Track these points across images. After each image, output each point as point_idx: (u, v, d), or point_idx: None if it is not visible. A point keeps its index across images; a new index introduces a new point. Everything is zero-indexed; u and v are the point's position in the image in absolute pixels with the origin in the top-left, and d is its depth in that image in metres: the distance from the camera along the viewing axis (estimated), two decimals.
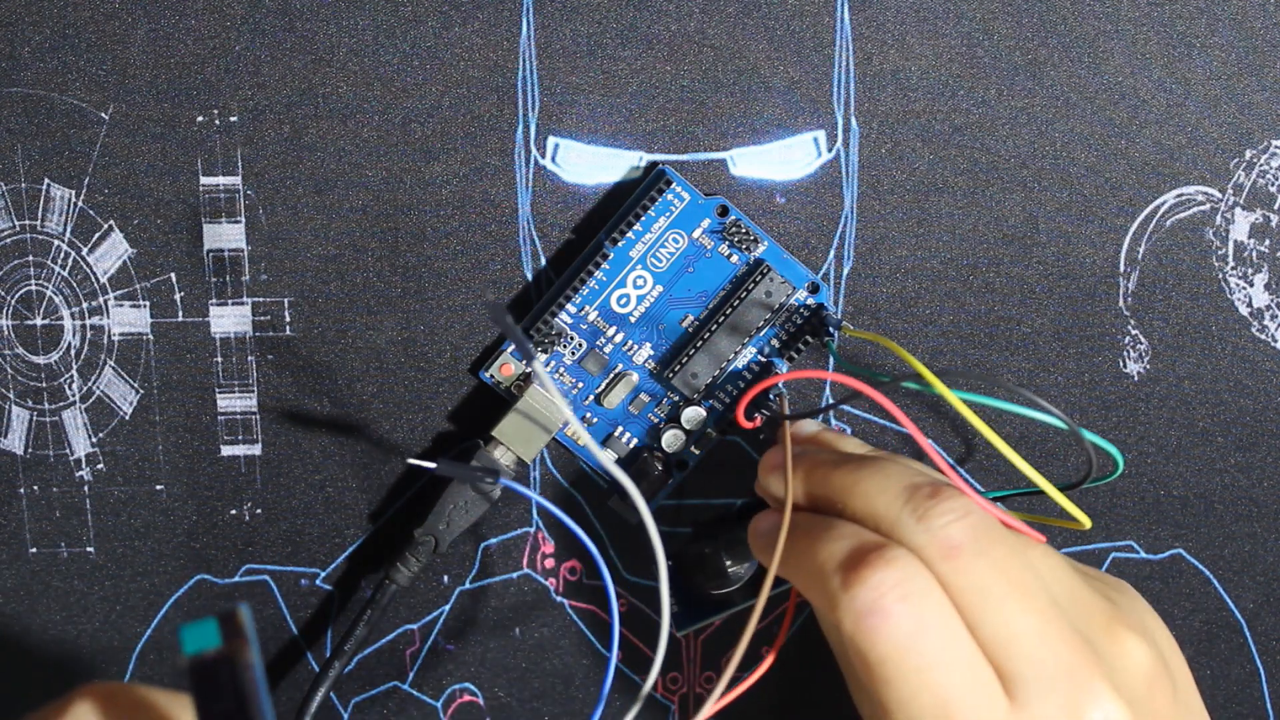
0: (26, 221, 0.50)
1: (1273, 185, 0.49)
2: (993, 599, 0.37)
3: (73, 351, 0.51)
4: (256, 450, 0.51)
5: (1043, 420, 0.42)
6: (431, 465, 0.45)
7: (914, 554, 0.38)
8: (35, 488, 0.51)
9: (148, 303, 0.50)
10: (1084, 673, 0.37)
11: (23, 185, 0.50)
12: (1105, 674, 0.37)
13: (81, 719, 0.37)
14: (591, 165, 0.49)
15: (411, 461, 0.46)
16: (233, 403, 0.51)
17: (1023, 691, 0.37)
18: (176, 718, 0.37)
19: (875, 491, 0.39)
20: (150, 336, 0.50)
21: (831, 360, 0.50)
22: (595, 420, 0.50)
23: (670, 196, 0.48)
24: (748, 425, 0.47)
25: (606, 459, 0.40)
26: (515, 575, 0.52)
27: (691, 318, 0.49)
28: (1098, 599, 0.39)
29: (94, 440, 0.51)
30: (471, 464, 0.48)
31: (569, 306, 0.49)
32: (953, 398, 0.40)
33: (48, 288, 0.50)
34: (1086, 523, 0.42)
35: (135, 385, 0.51)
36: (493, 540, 0.52)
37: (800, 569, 0.40)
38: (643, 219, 0.48)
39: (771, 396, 0.49)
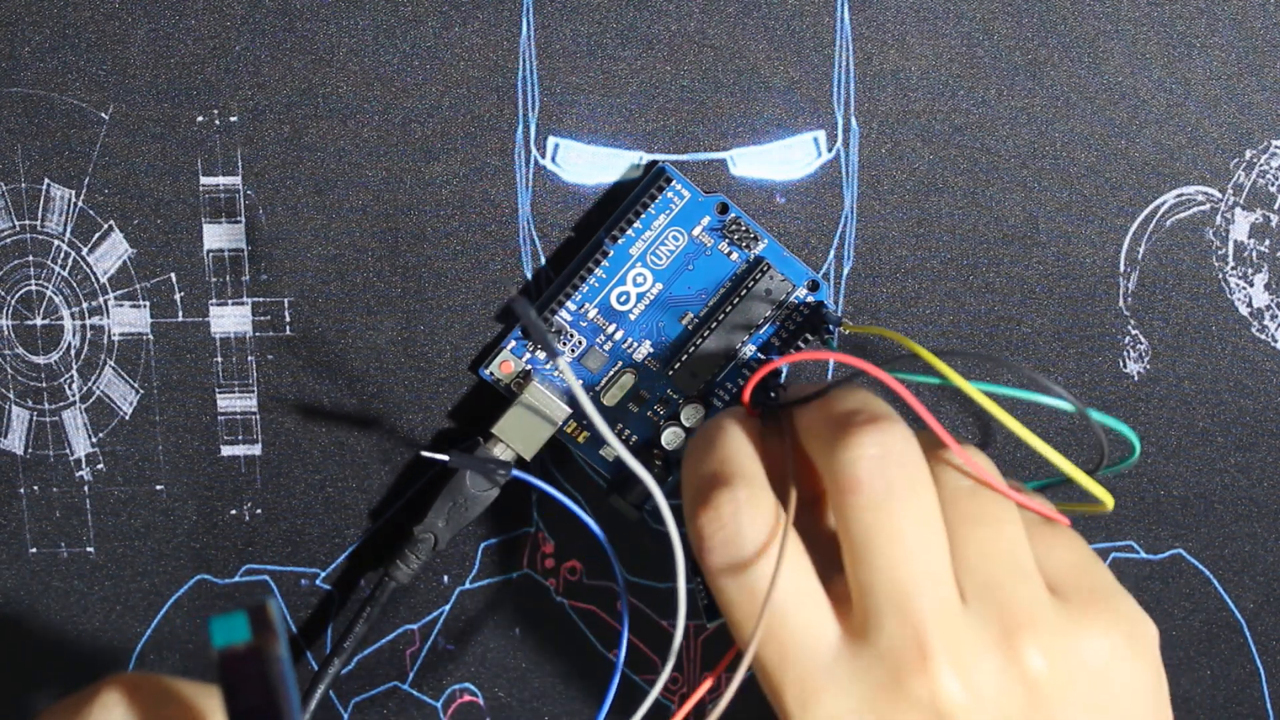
0: (26, 221, 0.50)
1: (1273, 185, 0.49)
2: (870, 549, 0.37)
3: (73, 351, 0.51)
4: (256, 450, 0.51)
5: (1050, 404, 0.41)
6: (444, 457, 0.45)
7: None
8: (35, 488, 0.51)
9: (148, 303, 0.50)
10: (928, 651, 0.36)
11: (23, 185, 0.50)
12: (952, 659, 0.36)
13: (110, 708, 0.37)
14: (591, 165, 0.49)
15: (424, 454, 0.46)
16: (233, 403, 0.51)
17: (866, 638, 0.37)
18: (203, 708, 0.37)
19: (819, 417, 0.39)
20: (150, 336, 0.50)
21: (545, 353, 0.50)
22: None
23: (670, 194, 0.48)
24: (754, 413, 0.47)
25: (627, 454, 0.39)
26: (515, 575, 0.52)
27: (691, 315, 0.49)
28: (1018, 602, 0.38)
29: (94, 440, 0.51)
30: (480, 455, 0.48)
31: (569, 304, 0.49)
32: (957, 377, 0.39)
33: (48, 288, 0.50)
34: (1109, 501, 0.41)
35: (135, 385, 0.51)
36: (493, 540, 0.52)
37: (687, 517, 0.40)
38: (642, 216, 0.48)
39: (773, 393, 0.49)
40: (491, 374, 0.49)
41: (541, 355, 0.49)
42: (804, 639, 0.38)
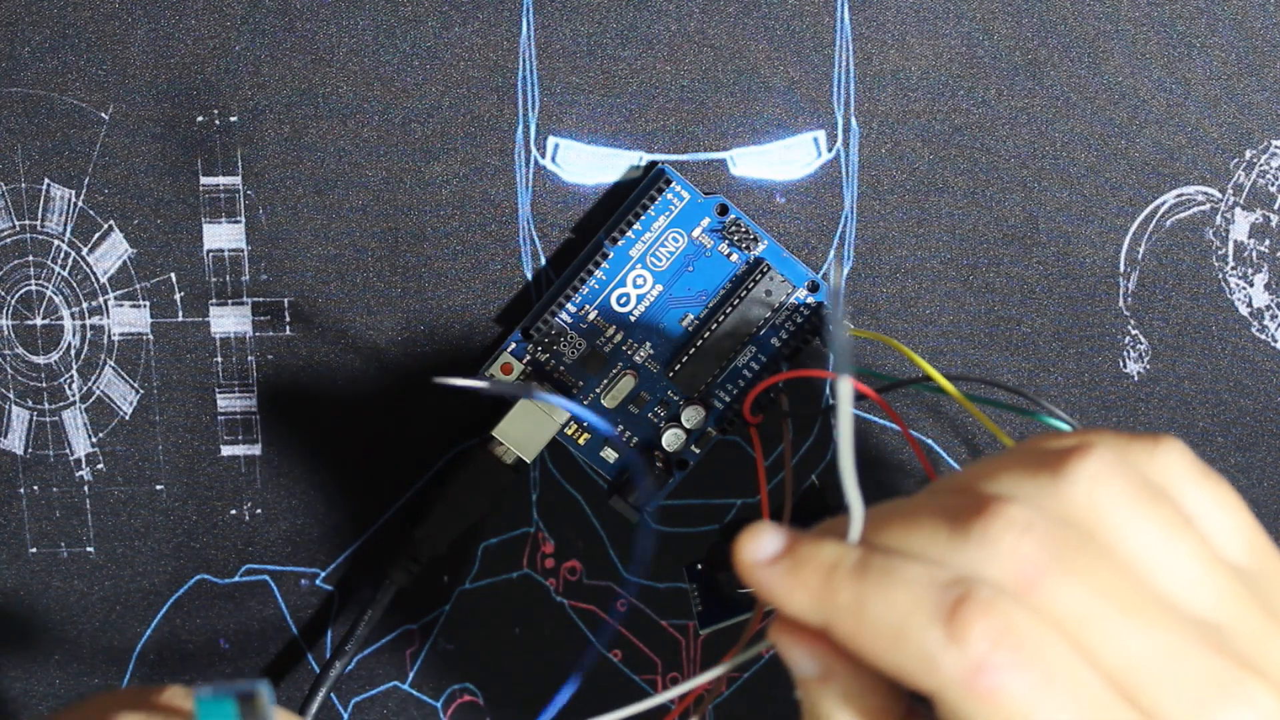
0: (26, 221, 0.50)
1: (1273, 185, 0.49)
2: (1100, 622, 0.29)
3: (73, 351, 0.51)
4: (256, 450, 0.51)
5: (1049, 424, 0.41)
6: (464, 383, 0.39)
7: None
8: (35, 488, 0.51)
9: (148, 303, 0.50)
10: (1228, 674, 0.30)
11: (23, 185, 0.50)
12: (1255, 669, 0.30)
13: None
14: (591, 165, 0.49)
15: (437, 380, 0.38)
16: (233, 403, 0.51)
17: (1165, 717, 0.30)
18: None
19: (908, 530, 0.31)
20: (150, 336, 0.50)
21: (831, 359, 0.50)
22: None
23: (670, 195, 0.48)
24: (754, 420, 0.48)
25: (844, 402, 0.30)
26: (515, 575, 0.52)
27: (691, 316, 0.49)
28: (1223, 580, 0.31)
29: (94, 440, 0.51)
30: (488, 375, 0.47)
31: (569, 306, 0.49)
32: (956, 393, 0.40)
33: (48, 288, 0.50)
34: None
35: (135, 385, 0.51)
36: (493, 540, 0.52)
37: (865, 621, 0.30)
38: (642, 218, 0.48)
39: (772, 395, 0.49)
40: (491, 376, 0.49)
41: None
42: None
